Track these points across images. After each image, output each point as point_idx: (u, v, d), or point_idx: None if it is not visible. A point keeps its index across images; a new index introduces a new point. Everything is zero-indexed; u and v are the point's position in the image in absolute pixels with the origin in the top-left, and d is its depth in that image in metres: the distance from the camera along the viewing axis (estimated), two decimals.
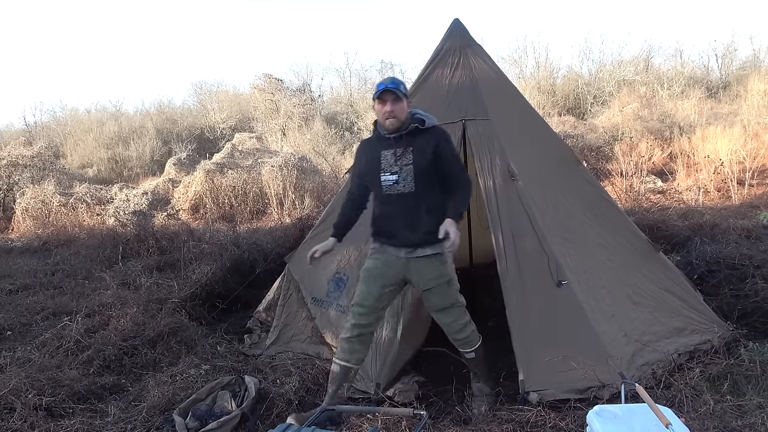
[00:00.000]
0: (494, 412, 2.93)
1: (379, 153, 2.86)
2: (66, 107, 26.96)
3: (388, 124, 2.81)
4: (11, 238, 9.24)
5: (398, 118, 2.79)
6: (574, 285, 3.27)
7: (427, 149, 2.79)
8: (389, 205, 2.86)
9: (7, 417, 3.00)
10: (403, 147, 2.81)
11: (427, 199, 2.81)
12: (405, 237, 2.86)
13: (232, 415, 2.96)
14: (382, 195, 2.87)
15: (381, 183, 2.84)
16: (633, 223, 4.08)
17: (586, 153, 11.67)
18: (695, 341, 3.42)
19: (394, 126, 2.80)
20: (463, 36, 4.02)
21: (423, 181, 2.79)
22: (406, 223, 2.84)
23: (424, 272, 2.89)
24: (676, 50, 23.52)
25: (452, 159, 2.87)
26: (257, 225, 9.02)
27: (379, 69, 25.45)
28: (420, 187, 2.79)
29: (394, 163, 2.82)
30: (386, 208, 2.88)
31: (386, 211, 2.89)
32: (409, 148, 2.81)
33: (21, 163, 11.46)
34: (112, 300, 4.80)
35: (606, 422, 2.07)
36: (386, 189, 2.84)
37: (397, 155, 2.81)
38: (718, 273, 4.43)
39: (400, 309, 3.37)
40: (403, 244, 2.87)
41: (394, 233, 2.89)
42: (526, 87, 19.29)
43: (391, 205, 2.86)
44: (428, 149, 2.79)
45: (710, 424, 2.58)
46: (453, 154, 2.90)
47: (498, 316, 3.70)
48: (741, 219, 6.61)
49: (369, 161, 2.91)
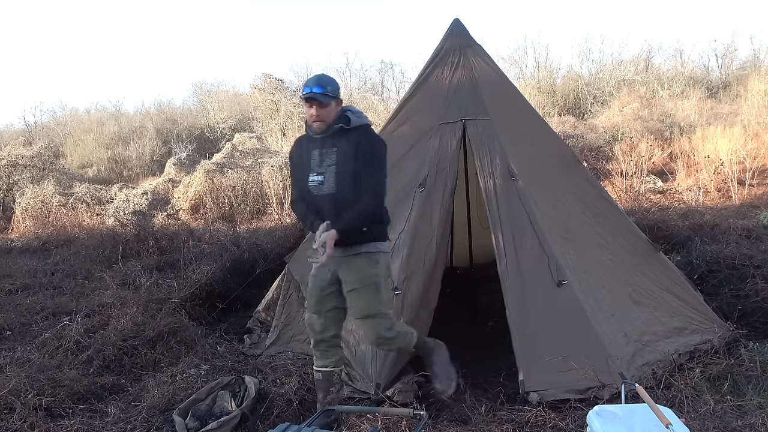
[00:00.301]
0: (494, 412, 2.93)
1: (309, 153, 2.80)
2: (66, 107, 26.96)
3: (315, 127, 2.75)
4: (11, 238, 9.23)
5: (325, 122, 2.72)
6: (574, 285, 3.27)
7: (350, 149, 2.70)
8: (318, 205, 2.78)
9: (7, 417, 3.00)
10: (328, 147, 2.74)
11: (352, 200, 2.69)
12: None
13: (232, 415, 2.96)
14: (311, 196, 2.79)
15: (308, 184, 2.77)
16: (633, 223, 4.08)
17: (586, 153, 11.67)
18: (695, 341, 3.42)
19: (321, 129, 2.74)
20: (463, 36, 4.02)
21: (345, 183, 2.69)
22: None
23: (352, 271, 2.77)
24: (676, 50, 23.50)
25: (368, 160, 2.71)
26: (257, 225, 9.02)
27: (379, 69, 25.46)
28: (341, 188, 2.69)
29: (319, 164, 2.75)
30: (317, 208, 2.78)
31: (319, 211, 2.78)
32: (334, 149, 2.73)
33: (21, 163, 11.45)
34: (111, 300, 4.80)
35: (606, 422, 2.07)
36: (313, 189, 2.76)
37: (322, 155, 2.75)
38: (719, 273, 4.43)
39: (400, 309, 3.37)
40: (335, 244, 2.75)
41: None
42: (526, 87, 19.28)
43: (317, 206, 2.77)
44: (351, 149, 2.70)
45: (710, 424, 2.58)
46: (371, 156, 2.73)
47: (498, 316, 3.70)
48: (741, 219, 6.61)
49: (300, 161, 2.85)
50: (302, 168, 2.82)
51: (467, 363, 3.54)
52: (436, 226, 3.53)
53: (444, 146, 3.67)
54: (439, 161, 3.64)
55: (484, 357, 3.75)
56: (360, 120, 2.79)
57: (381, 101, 22.46)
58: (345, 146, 2.72)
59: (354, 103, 22.52)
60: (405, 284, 3.42)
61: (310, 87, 2.69)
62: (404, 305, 3.39)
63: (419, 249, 3.50)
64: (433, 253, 3.49)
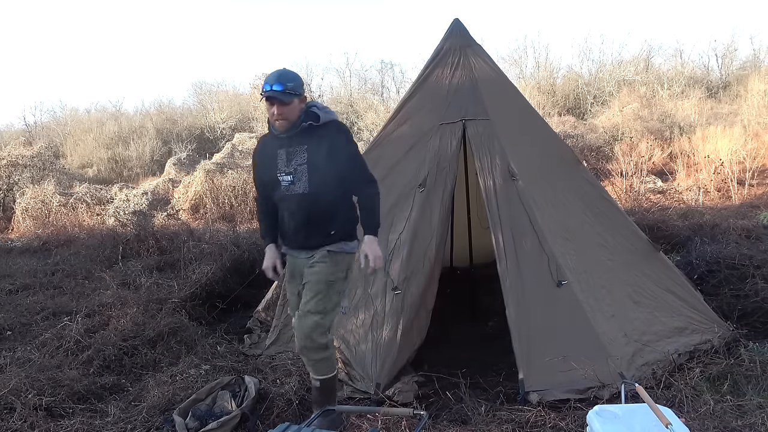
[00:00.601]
0: (494, 412, 2.93)
1: (276, 152, 2.69)
2: (66, 107, 26.92)
3: (277, 126, 2.65)
4: (11, 238, 9.23)
5: (288, 120, 2.61)
6: (574, 285, 3.27)
7: (321, 147, 2.62)
8: (286, 207, 2.70)
9: (7, 417, 3.00)
10: (296, 146, 2.64)
11: (325, 200, 2.64)
12: (303, 240, 2.72)
13: (232, 415, 2.96)
14: (280, 197, 2.70)
15: (280, 184, 2.68)
16: (633, 223, 4.08)
17: (586, 153, 11.67)
18: (695, 341, 3.42)
19: (284, 128, 2.64)
20: (463, 36, 4.02)
21: (319, 181, 2.61)
22: (303, 227, 2.69)
23: (309, 272, 2.73)
24: (676, 50, 23.49)
25: (349, 156, 2.68)
26: (257, 225, 9.01)
27: (379, 69, 25.47)
28: (315, 187, 2.61)
29: (287, 163, 2.65)
30: (286, 210, 2.72)
31: (286, 213, 2.72)
32: (303, 147, 2.63)
33: (21, 163, 11.44)
34: (112, 300, 4.80)
35: (606, 422, 2.07)
36: (285, 190, 2.67)
37: (290, 155, 2.65)
38: (719, 273, 4.44)
39: (400, 309, 3.37)
40: (302, 247, 2.75)
41: (294, 236, 2.75)
42: (526, 87, 19.27)
43: (290, 207, 2.69)
44: (323, 146, 2.62)
45: (710, 424, 2.58)
46: (349, 151, 2.70)
47: (498, 316, 3.71)
48: (741, 219, 6.62)
49: (266, 162, 2.74)
50: (267, 167, 2.73)
51: (467, 363, 3.55)
52: (436, 226, 3.53)
53: (444, 146, 3.67)
54: (439, 161, 3.64)
55: (484, 357, 3.76)
56: (329, 116, 2.71)
57: (381, 101, 22.45)
58: (316, 144, 2.63)
59: (354, 103, 22.54)
60: (405, 284, 3.42)
61: (270, 84, 2.56)
62: (404, 305, 3.39)
63: (419, 249, 3.50)
64: (433, 253, 3.49)
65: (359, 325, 3.45)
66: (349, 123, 21.26)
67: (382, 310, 3.41)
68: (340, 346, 3.45)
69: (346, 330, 3.49)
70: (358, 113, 21.45)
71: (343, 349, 3.43)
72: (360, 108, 21.56)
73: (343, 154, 2.66)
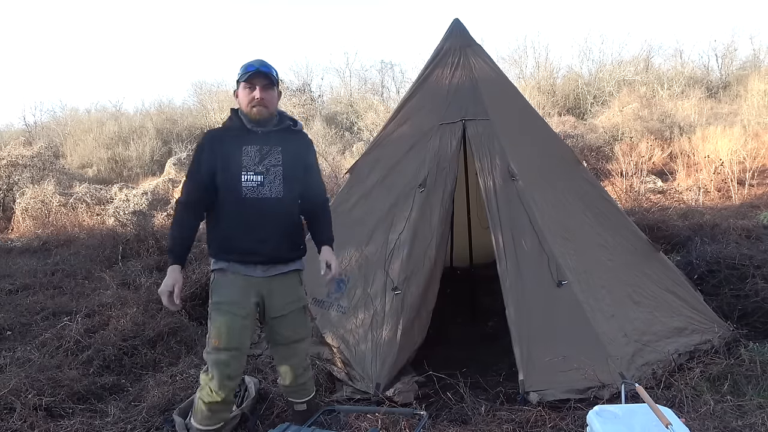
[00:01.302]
0: (494, 412, 2.93)
1: (240, 148, 2.39)
2: (66, 107, 26.94)
3: (255, 113, 2.40)
4: (11, 238, 9.22)
5: (268, 108, 2.41)
6: (574, 285, 3.27)
7: (298, 153, 2.48)
8: (249, 212, 2.38)
9: (7, 417, 3.00)
10: (271, 145, 2.42)
11: (294, 208, 2.49)
12: (266, 251, 2.42)
13: (232, 415, 2.96)
14: (240, 199, 2.37)
15: (241, 184, 2.36)
16: (633, 223, 4.08)
17: (586, 153, 11.67)
18: (695, 341, 3.42)
19: (262, 116, 2.41)
20: (463, 36, 4.02)
21: (291, 188, 2.44)
22: (269, 235, 2.40)
23: (283, 293, 2.49)
24: (676, 50, 23.52)
25: (317, 170, 2.63)
26: None
27: (379, 69, 25.50)
28: (288, 193, 2.42)
29: (258, 162, 2.39)
30: (244, 215, 2.38)
31: (244, 219, 2.38)
32: (278, 148, 2.42)
33: (21, 163, 11.44)
34: (112, 300, 4.80)
35: (606, 422, 2.07)
36: (247, 192, 2.37)
37: (264, 153, 2.40)
38: (719, 273, 4.44)
39: (400, 309, 3.37)
40: (260, 261, 2.43)
41: (252, 247, 2.40)
42: (526, 87, 19.27)
43: (251, 212, 2.38)
44: (300, 153, 2.49)
45: (710, 424, 2.58)
46: (317, 165, 2.62)
47: (498, 316, 3.70)
48: (741, 219, 6.62)
49: (224, 158, 2.39)
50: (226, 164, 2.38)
51: (467, 363, 3.55)
52: (436, 226, 3.53)
53: (444, 146, 3.67)
54: (439, 161, 3.64)
55: (484, 357, 3.76)
56: (301, 125, 2.62)
57: (381, 101, 22.47)
58: (292, 149, 2.47)
59: (354, 103, 22.55)
60: (405, 284, 3.42)
61: (256, 66, 2.38)
62: (404, 305, 3.39)
63: (419, 249, 3.50)
64: (433, 253, 3.49)
65: (359, 325, 3.45)
66: (349, 123, 21.29)
67: (382, 310, 3.41)
68: (340, 346, 3.45)
69: (346, 330, 3.49)
70: (358, 113, 21.46)
71: (343, 349, 3.43)
72: (360, 108, 21.56)
73: (314, 167, 2.60)
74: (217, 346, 2.39)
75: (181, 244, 2.48)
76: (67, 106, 27.39)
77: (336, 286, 3.73)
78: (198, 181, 2.43)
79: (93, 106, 27.68)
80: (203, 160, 2.42)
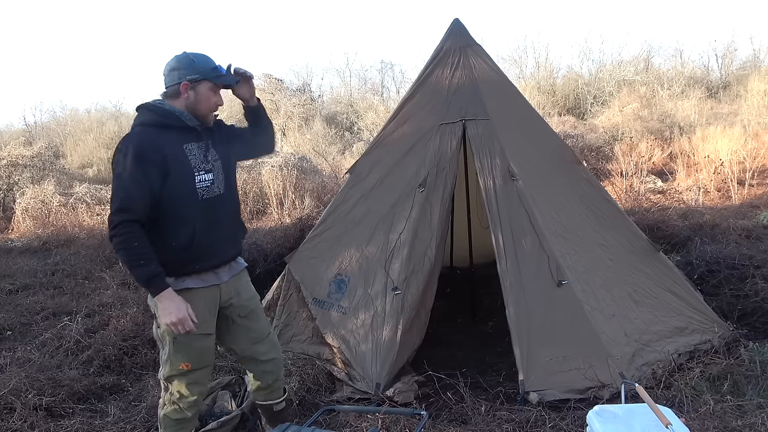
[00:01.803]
0: (494, 412, 2.93)
1: (181, 148, 2.20)
2: (66, 107, 26.99)
3: (212, 118, 2.31)
4: (11, 238, 9.22)
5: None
6: (574, 285, 3.27)
7: (225, 142, 2.40)
8: (207, 214, 2.23)
9: (7, 417, 3.00)
10: (206, 139, 2.29)
11: (237, 198, 2.42)
12: (227, 251, 2.36)
13: (232, 415, 2.96)
14: (197, 202, 2.20)
15: (196, 185, 2.19)
16: (633, 223, 4.08)
17: (586, 153, 11.66)
18: (695, 341, 3.42)
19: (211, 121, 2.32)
20: (463, 36, 4.02)
21: (231, 178, 2.37)
22: (226, 234, 2.34)
23: (246, 290, 2.44)
24: (676, 50, 23.52)
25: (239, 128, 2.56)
26: (257, 225, 9.01)
27: (379, 69, 25.51)
28: (230, 186, 2.34)
29: (204, 159, 2.24)
30: (203, 219, 2.22)
31: (204, 223, 2.22)
32: (210, 142, 2.31)
33: (21, 163, 11.43)
34: (112, 300, 4.81)
35: (606, 422, 2.07)
36: (202, 193, 2.21)
37: (204, 149, 2.26)
38: (718, 273, 4.44)
39: (400, 309, 3.37)
40: (224, 262, 2.34)
41: (216, 250, 2.29)
42: (526, 87, 19.27)
43: (209, 213, 2.24)
44: (222, 143, 2.38)
45: (710, 424, 2.58)
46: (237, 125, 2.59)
47: (498, 316, 3.71)
48: (741, 219, 6.61)
49: (171, 161, 2.15)
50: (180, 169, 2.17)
51: (467, 363, 3.55)
52: (436, 226, 3.53)
53: (444, 146, 3.67)
54: (439, 161, 3.64)
55: (484, 357, 3.76)
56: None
57: (381, 101, 22.47)
58: (220, 139, 2.38)
59: (354, 103, 22.55)
60: (405, 284, 3.42)
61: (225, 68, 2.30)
62: (404, 305, 3.39)
63: (419, 249, 3.50)
64: (433, 253, 3.49)
65: (360, 326, 3.45)
66: (349, 123, 21.30)
67: (383, 310, 3.41)
68: (340, 346, 3.45)
69: (346, 330, 3.49)
70: (358, 113, 21.46)
71: (344, 349, 3.43)
72: (360, 108, 21.57)
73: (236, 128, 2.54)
74: (187, 369, 2.26)
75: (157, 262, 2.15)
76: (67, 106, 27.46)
77: (336, 287, 3.73)
78: (145, 195, 2.10)
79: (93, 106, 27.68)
80: (147, 170, 2.09)
